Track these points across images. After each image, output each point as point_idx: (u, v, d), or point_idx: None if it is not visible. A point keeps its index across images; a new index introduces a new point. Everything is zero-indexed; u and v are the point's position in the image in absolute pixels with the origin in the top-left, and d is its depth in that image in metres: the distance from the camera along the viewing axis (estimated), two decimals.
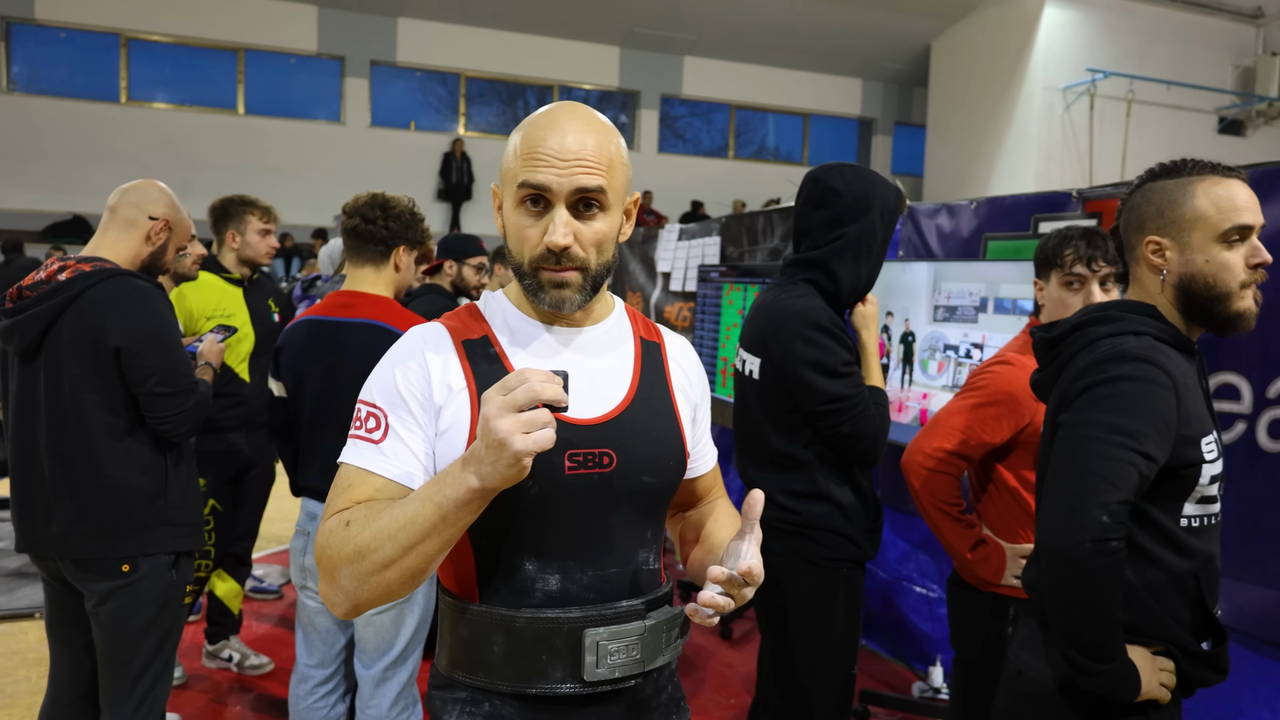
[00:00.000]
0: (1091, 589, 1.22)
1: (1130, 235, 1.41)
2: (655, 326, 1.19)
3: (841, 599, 1.95)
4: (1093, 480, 1.23)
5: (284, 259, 10.84)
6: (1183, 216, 1.33)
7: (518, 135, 1.01)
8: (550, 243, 0.98)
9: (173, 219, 2.06)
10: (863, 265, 1.93)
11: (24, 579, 4.00)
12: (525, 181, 0.98)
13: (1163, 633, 1.32)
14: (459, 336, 1.06)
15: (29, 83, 11.32)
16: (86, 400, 1.89)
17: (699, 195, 13.06)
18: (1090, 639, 1.25)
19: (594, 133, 1.00)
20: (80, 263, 1.93)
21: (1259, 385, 1.98)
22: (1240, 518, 2.00)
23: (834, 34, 13.09)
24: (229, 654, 3.21)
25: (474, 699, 1.04)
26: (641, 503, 1.06)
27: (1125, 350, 1.29)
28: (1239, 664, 2.02)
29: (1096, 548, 1.20)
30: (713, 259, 4.68)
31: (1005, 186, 11.06)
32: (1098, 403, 1.28)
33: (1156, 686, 1.30)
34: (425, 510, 0.89)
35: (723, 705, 3.06)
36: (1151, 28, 11.57)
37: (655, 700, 1.10)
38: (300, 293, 3.95)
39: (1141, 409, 1.25)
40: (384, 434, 0.99)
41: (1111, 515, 1.21)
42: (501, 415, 0.84)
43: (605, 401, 1.05)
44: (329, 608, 0.96)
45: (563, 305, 1.01)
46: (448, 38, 12.66)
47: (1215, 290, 1.32)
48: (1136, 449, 1.23)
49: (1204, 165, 1.35)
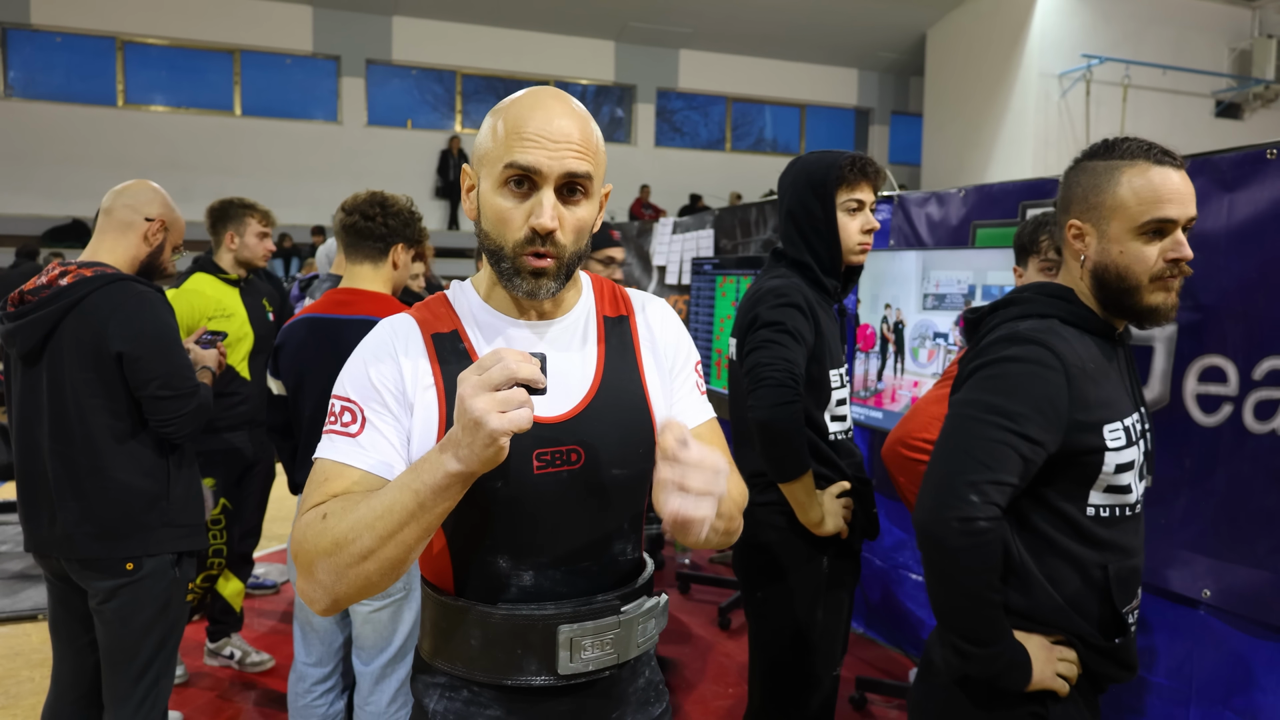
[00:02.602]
0: (959, 570, 1.20)
1: (1059, 214, 1.37)
2: (623, 293, 1.15)
3: (820, 594, 1.94)
4: (964, 460, 1.21)
5: (283, 259, 10.85)
6: (1103, 203, 1.29)
7: (498, 117, 0.99)
8: (538, 225, 0.95)
9: (168, 218, 2.08)
10: (815, 241, 1.93)
11: (27, 581, 4.03)
12: (513, 162, 0.95)
13: (1062, 623, 1.28)
14: (428, 329, 1.04)
15: (26, 88, 11.34)
16: (89, 404, 1.91)
17: (697, 188, 13.06)
18: (964, 622, 1.23)
19: (580, 118, 0.99)
20: (81, 267, 1.94)
21: (1245, 367, 1.99)
22: (1228, 499, 2.01)
23: (829, 24, 13.06)
24: (230, 651, 3.24)
25: (453, 685, 1.06)
26: (614, 496, 1.05)
27: (1017, 332, 1.28)
28: (1231, 643, 2.03)
29: (962, 526, 1.18)
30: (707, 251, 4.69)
31: (1002, 174, 11.05)
32: (982, 383, 1.26)
33: (1051, 676, 1.25)
34: (403, 498, 0.87)
35: (721, 695, 3.08)
36: (1147, 12, 11.54)
37: (632, 685, 1.11)
38: (298, 292, 3.96)
39: (1022, 390, 1.22)
40: (360, 427, 0.98)
41: (980, 495, 1.18)
42: (477, 394, 0.82)
43: (570, 396, 1.03)
44: (307, 604, 0.93)
45: (538, 293, 0.99)
46: (443, 35, 12.66)
47: (1125, 283, 1.28)
48: (1014, 430, 1.20)
49: (1140, 148, 1.28)
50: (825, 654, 1.96)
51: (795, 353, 1.82)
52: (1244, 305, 1.97)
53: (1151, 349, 2.14)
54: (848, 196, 1.93)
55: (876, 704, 3.02)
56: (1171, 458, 2.10)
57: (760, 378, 1.80)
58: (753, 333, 1.86)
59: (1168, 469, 2.11)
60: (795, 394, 1.79)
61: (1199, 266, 2.06)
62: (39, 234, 10.32)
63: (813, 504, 1.86)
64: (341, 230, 2.19)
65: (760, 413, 1.78)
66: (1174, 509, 2.11)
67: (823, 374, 1.93)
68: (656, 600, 1.09)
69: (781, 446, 1.79)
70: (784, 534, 1.93)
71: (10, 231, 10.27)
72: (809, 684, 1.96)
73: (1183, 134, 11.24)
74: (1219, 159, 2.03)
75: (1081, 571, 1.29)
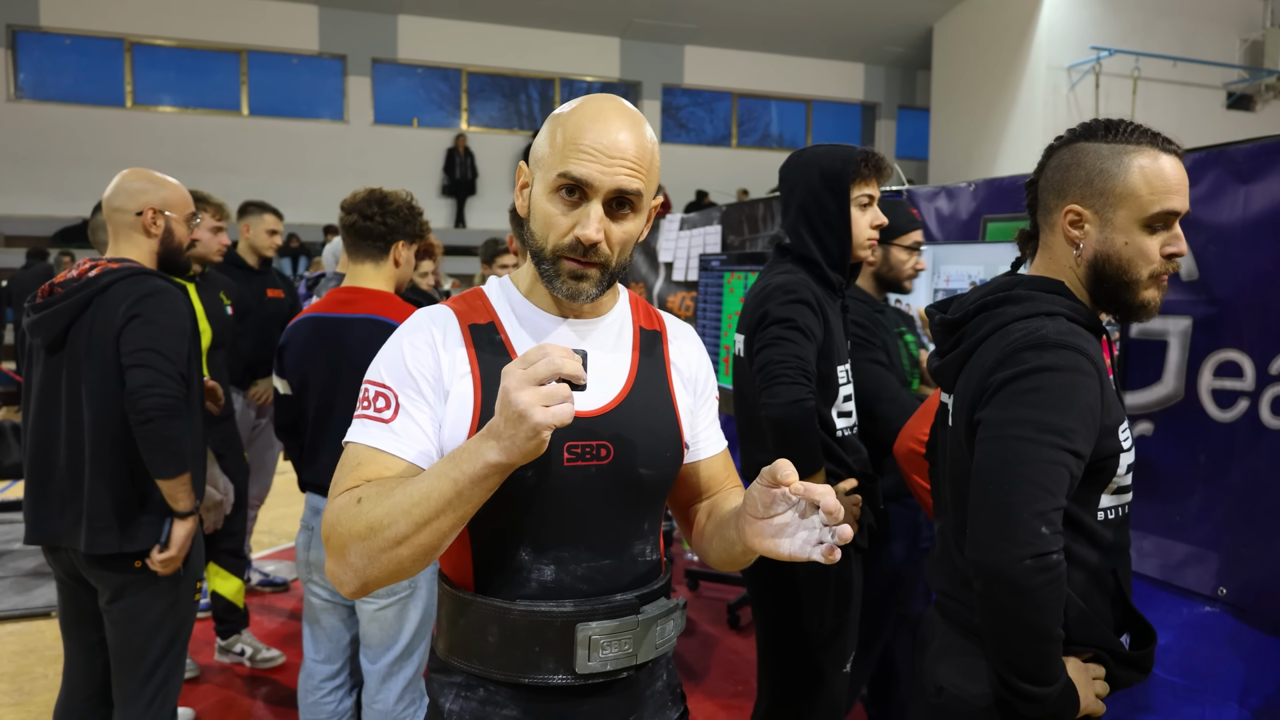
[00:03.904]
0: (1033, 610, 1.08)
1: (1049, 197, 1.26)
2: (657, 314, 1.18)
3: (830, 591, 1.93)
4: (1026, 488, 1.09)
5: (290, 258, 10.89)
6: (1112, 189, 1.19)
7: (558, 124, 1.00)
8: (583, 236, 0.97)
9: (158, 201, 2.05)
10: (825, 236, 1.91)
11: (40, 578, 4.05)
12: (566, 172, 0.97)
13: (1094, 638, 1.22)
14: (465, 320, 1.06)
15: (36, 90, 11.40)
16: (104, 393, 1.92)
17: (703, 185, 13.03)
18: (1032, 663, 1.11)
19: (638, 134, 1.00)
20: (110, 262, 1.98)
21: (1261, 362, 1.96)
22: (1244, 495, 1.99)
23: (835, 19, 13.01)
24: (241, 648, 3.25)
25: (469, 683, 1.05)
26: (638, 495, 1.06)
27: (1045, 336, 1.15)
28: (1247, 641, 2.01)
29: (1037, 564, 1.06)
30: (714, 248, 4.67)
31: (1011, 168, 10.98)
32: (1022, 398, 1.13)
33: (1093, 699, 1.19)
34: (441, 486, 0.88)
35: (730, 693, 3.07)
36: (1156, 3, 11.44)
37: (650, 689, 1.11)
38: (305, 291, 3.97)
39: (1070, 402, 1.12)
40: (394, 413, 0.99)
41: (1049, 525, 1.08)
42: (522, 388, 0.83)
43: (603, 394, 1.05)
44: (337, 587, 0.94)
45: (578, 297, 1.01)
46: (448, 33, 12.67)
47: (1126, 276, 1.21)
48: (1067, 448, 1.10)
49: (1145, 134, 1.20)
50: (835, 652, 1.95)
51: (806, 349, 1.81)
52: (1260, 299, 1.95)
53: (1165, 343, 2.12)
54: (860, 191, 1.92)
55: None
56: (1186, 454, 2.08)
57: (773, 375, 1.78)
58: (763, 329, 1.84)
59: (1182, 465, 2.09)
60: (809, 391, 1.77)
61: (1214, 260, 2.04)
62: (49, 234, 10.39)
63: None
64: (342, 229, 2.19)
65: (774, 410, 1.76)
66: (1189, 505, 2.09)
67: (831, 370, 1.91)
68: (675, 602, 1.09)
69: (796, 444, 1.77)
70: None
71: (20, 232, 10.34)
72: (818, 682, 1.95)
73: (1194, 126, 11.14)
74: (1234, 150, 2.00)
75: (1095, 578, 1.25)
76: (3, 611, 3.69)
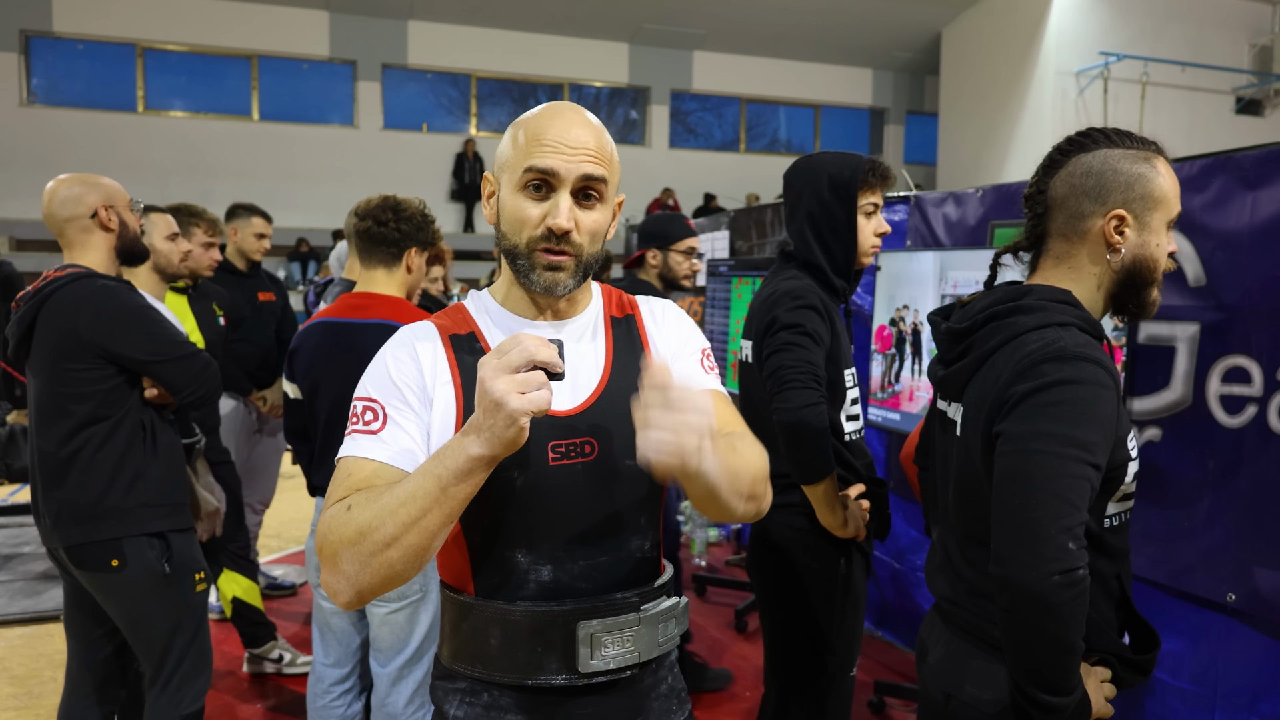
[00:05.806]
0: (1060, 625, 1.08)
1: (1082, 203, 1.24)
2: (629, 298, 1.19)
3: (839, 595, 1.93)
4: (1053, 503, 1.09)
5: (300, 262, 10.94)
6: (1150, 194, 1.22)
7: (519, 128, 1.04)
8: (554, 225, 0.99)
9: (104, 198, 2.08)
10: (832, 242, 1.92)
11: (49, 582, 4.07)
12: (532, 166, 1.00)
13: (1104, 644, 1.24)
14: (446, 333, 1.08)
15: (49, 95, 11.49)
16: (63, 393, 1.97)
17: (711, 189, 13.04)
18: (1054, 675, 1.11)
19: (595, 129, 1.04)
20: (56, 271, 2.03)
21: (1269, 368, 1.96)
22: (1253, 501, 1.98)
23: (843, 24, 13.02)
24: (279, 654, 3.23)
25: (473, 689, 1.06)
26: (629, 488, 1.06)
27: (1065, 349, 1.15)
28: (1257, 648, 2.00)
29: (1064, 579, 1.06)
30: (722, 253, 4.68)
31: (1019, 173, 10.94)
32: (1044, 410, 1.12)
33: (1103, 703, 1.21)
34: (425, 484, 0.89)
35: (737, 697, 3.07)
36: (1165, 8, 11.41)
37: (655, 690, 1.11)
38: (314, 297, 3.98)
39: (1091, 416, 1.12)
40: (382, 424, 1.00)
41: (1075, 540, 1.08)
42: (497, 376, 0.84)
43: (582, 390, 1.06)
44: (331, 598, 0.95)
45: (555, 288, 1.03)
46: (458, 39, 12.73)
47: (1152, 276, 1.24)
48: (1090, 461, 1.11)
49: (1148, 140, 1.25)
50: (843, 656, 1.95)
51: (816, 354, 1.82)
52: (1268, 304, 1.94)
53: (1173, 349, 2.12)
54: (867, 200, 1.94)
55: (895, 708, 3.00)
56: (1195, 460, 2.08)
57: (784, 380, 1.79)
58: (771, 335, 1.86)
59: (1191, 471, 2.09)
60: (820, 396, 1.79)
61: (1222, 266, 2.03)
62: None
63: (836, 506, 1.85)
64: (354, 235, 2.20)
65: (786, 415, 1.77)
66: (1198, 512, 2.08)
67: (838, 375, 1.92)
68: (676, 601, 1.10)
69: (808, 449, 1.78)
70: (804, 535, 1.92)
71: (34, 236, 10.40)
72: (826, 686, 1.95)
73: (1202, 131, 11.10)
74: (1241, 156, 2.00)
75: (1102, 583, 1.26)
76: (12, 615, 3.72)
